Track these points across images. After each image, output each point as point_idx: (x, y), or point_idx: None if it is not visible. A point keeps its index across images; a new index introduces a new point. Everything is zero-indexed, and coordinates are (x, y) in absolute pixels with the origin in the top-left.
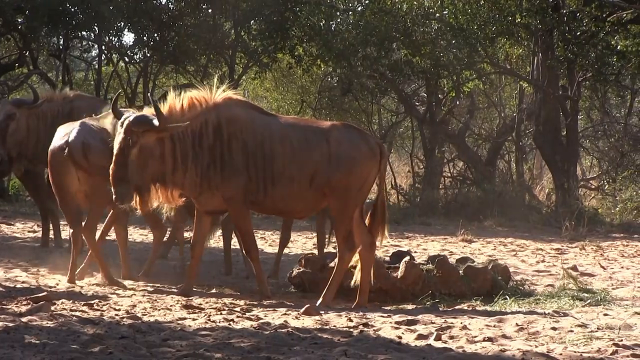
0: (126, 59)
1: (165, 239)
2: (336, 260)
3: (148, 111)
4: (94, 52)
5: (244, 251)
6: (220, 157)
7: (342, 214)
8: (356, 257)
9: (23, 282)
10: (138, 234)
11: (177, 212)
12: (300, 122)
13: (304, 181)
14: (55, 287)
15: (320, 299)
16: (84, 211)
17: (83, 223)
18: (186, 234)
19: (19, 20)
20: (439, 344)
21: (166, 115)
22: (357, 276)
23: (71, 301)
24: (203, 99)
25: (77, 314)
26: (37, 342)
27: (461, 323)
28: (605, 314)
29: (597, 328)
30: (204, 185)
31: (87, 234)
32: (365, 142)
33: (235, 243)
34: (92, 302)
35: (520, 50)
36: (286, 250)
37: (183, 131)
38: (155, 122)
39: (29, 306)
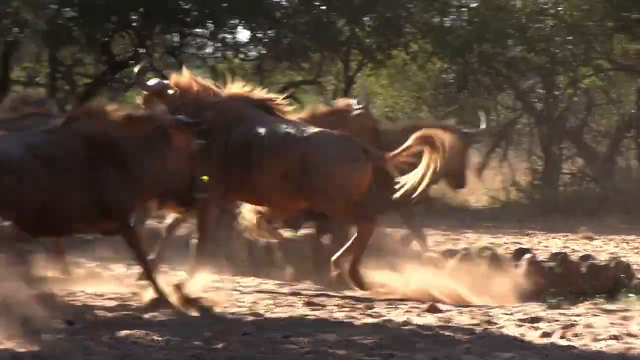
0: (241, 55)
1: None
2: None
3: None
4: (209, 49)
5: None
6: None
7: (331, 211)
8: None
9: None
10: None
11: None
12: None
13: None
14: None
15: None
16: None
17: None
18: None
19: (134, 17)
20: (562, 342)
21: None
22: None
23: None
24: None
25: None
26: (160, 339)
27: (585, 321)
28: None
29: None
30: None
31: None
32: (346, 149)
33: None
34: None
35: (638, 46)
36: None
37: None
38: None
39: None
